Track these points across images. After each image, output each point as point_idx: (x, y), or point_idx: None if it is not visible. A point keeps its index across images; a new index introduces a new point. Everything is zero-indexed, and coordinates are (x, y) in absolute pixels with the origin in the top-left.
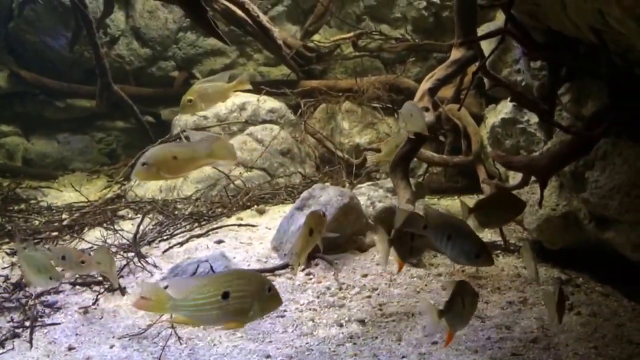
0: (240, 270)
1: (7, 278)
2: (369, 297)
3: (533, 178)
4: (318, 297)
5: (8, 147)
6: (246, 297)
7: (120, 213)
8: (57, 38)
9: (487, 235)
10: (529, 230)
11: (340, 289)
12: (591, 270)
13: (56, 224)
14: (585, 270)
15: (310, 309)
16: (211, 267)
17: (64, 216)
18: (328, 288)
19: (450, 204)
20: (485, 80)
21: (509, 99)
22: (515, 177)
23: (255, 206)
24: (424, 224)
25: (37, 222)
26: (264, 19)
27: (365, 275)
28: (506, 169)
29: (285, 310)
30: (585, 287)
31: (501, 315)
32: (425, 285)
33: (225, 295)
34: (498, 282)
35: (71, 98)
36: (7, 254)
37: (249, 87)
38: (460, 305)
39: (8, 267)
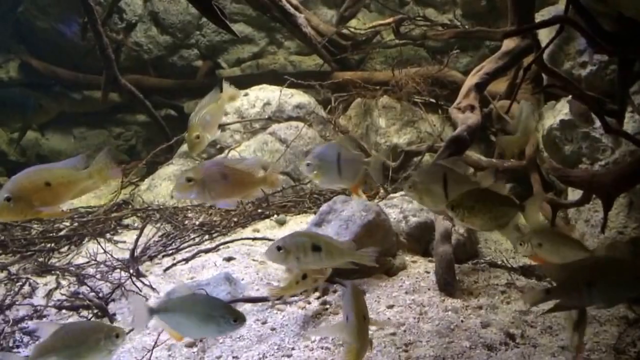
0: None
1: None
2: (394, 334)
3: None
4: None
5: (21, 143)
6: None
7: (126, 221)
8: (70, 25)
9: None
10: None
11: None
12: None
13: (53, 234)
14: None
15: (322, 348)
16: (207, 295)
17: (64, 224)
18: None
19: None
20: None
21: (569, 97)
22: (575, 191)
23: (275, 216)
24: None
25: (35, 231)
26: (287, 3)
27: (391, 307)
28: (563, 184)
29: (292, 349)
30: None
31: None
32: (462, 320)
33: None
34: (550, 319)
35: (88, 90)
36: None
37: (237, 92)
38: None
39: None
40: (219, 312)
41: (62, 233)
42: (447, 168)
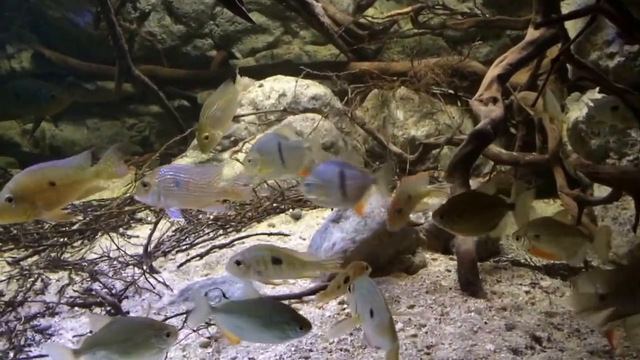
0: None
1: (0, 294)
2: (415, 336)
3: None
4: (352, 334)
5: (35, 134)
6: None
7: (139, 215)
8: (82, 14)
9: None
10: (618, 255)
11: None
12: None
13: (66, 228)
14: None
15: (341, 349)
16: (223, 294)
17: (77, 218)
18: None
19: None
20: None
21: (597, 89)
22: (602, 186)
23: (290, 210)
24: None
25: (47, 225)
26: None
27: (411, 307)
28: (591, 180)
29: (310, 350)
30: None
31: None
32: (485, 322)
33: None
34: (577, 321)
35: (101, 80)
36: (9, 263)
37: (250, 81)
38: None
39: (5, 280)
40: (283, 318)
41: (75, 227)
42: (281, 137)
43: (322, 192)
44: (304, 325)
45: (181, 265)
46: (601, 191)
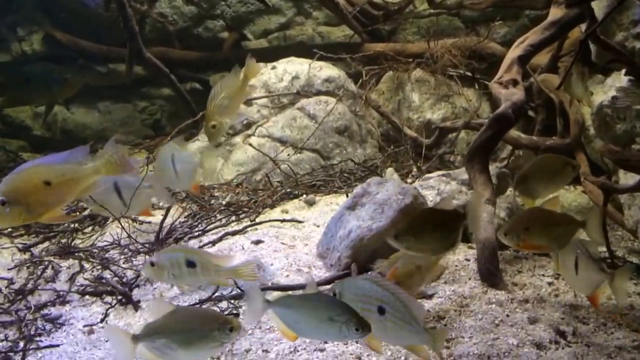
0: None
1: (10, 282)
2: (433, 328)
3: None
4: None
5: (47, 118)
6: None
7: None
8: None
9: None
10: None
11: None
12: None
13: (77, 213)
14: None
15: (357, 342)
16: (235, 283)
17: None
18: None
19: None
20: (592, 45)
21: (623, 71)
22: (627, 174)
23: (304, 196)
24: None
25: None
26: None
27: (429, 298)
28: (619, 167)
29: (326, 342)
30: None
31: None
32: (507, 315)
33: None
34: (604, 315)
35: (113, 63)
36: (19, 249)
37: (259, 66)
38: None
39: (15, 267)
40: (342, 318)
41: (86, 213)
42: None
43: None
44: (363, 327)
45: None
46: (627, 178)
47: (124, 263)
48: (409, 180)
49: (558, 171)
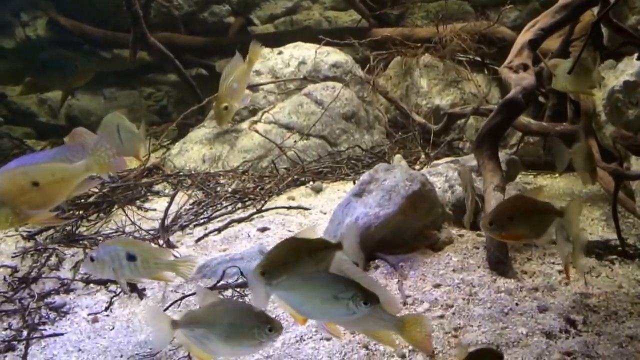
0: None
1: (15, 270)
2: (442, 317)
3: None
4: None
5: (51, 103)
6: None
7: (157, 187)
8: None
9: (597, 230)
10: None
11: (405, 303)
12: None
13: (82, 200)
14: None
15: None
16: (241, 272)
17: (93, 190)
18: None
19: (550, 184)
20: (604, 29)
21: (635, 55)
22: None
23: (311, 183)
24: None
25: None
26: None
27: (437, 286)
28: (632, 154)
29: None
30: None
31: (618, 356)
32: (516, 303)
33: None
34: (615, 303)
35: (117, 48)
36: (23, 237)
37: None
38: None
39: (19, 255)
40: (347, 294)
41: (90, 200)
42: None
43: None
44: (371, 299)
45: (199, 239)
46: (639, 164)
47: None
48: (417, 167)
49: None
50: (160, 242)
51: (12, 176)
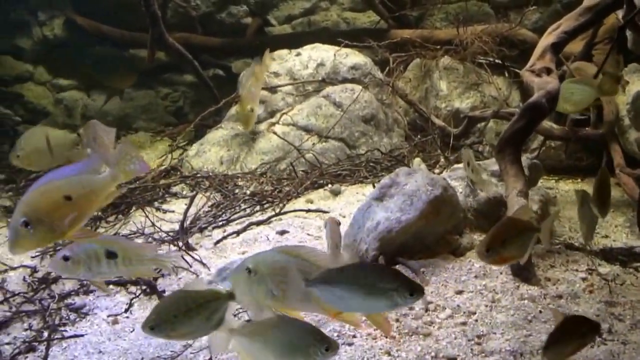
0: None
1: (34, 270)
2: (464, 324)
3: None
4: (397, 320)
5: (67, 103)
6: None
7: (175, 189)
8: None
9: (621, 237)
10: None
11: (427, 310)
12: None
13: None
14: None
15: (386, 337)
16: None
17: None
18: (411, 308)
19: (571, 189)
20: (629, 33)
21: None
22: None
23: (329, 185)
24: None
25: None
26: None
27: (460, 292)
28: None
29: (354, 336)
30: None
31: None
32: (540, 311)
33: None
34: None
35: (134, 48)
36: None
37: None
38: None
39: (38, 255)
40: (392, 285)
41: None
42: (49, 129)
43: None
44: (416, 291)
45: (218, 242)
46: None
47: None
48: (437, 171)
49: None
50: (180, 244)
51: (45, 192)
